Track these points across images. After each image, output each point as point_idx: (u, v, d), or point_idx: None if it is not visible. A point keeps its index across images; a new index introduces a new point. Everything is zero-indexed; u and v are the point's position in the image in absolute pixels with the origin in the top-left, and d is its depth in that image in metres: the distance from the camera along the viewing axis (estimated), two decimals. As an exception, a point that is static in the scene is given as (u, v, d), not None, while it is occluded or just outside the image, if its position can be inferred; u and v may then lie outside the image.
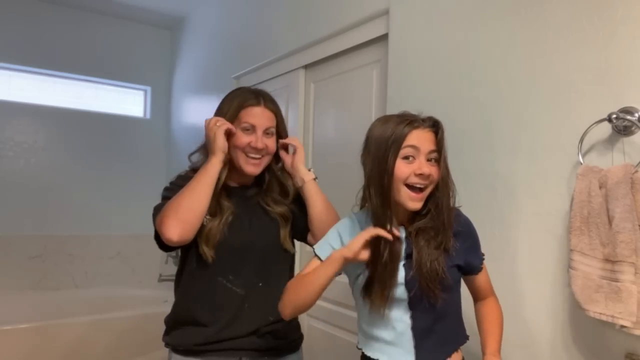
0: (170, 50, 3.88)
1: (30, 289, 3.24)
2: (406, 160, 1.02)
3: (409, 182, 1.02)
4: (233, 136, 1.28)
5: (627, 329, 1.00)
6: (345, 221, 1.17)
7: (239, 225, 1.30)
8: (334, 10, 2.05)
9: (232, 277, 1.28)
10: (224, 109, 1.31)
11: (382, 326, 1.08)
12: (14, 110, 3.22)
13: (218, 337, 1.27)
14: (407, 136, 1.01)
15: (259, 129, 1.28)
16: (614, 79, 1.11)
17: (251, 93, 1.32)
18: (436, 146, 1.03)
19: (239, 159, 1.29)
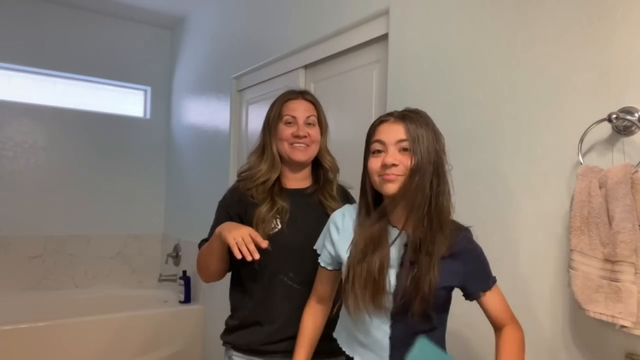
0: (170, 50, 3.88)
1: (30, 289, 3.24)
2: (375, 155, 1.05)
3: (379, 173, 1.03)
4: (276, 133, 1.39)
5: (627, 329, 1.00)
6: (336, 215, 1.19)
7: (297, 223, 1.35)
8: (334, 10, 2.05)
9: (292, 275, 1.34)
10: (269, 114, 1.43)
11: (361, 327, 1.09)
12: (14, 110, 3.22)
13: (281, 334, 1.32)
14: (375, 131, 1.06)
15: (300, 119, 1.38)
16: (614, 79, 1.11)
17: (291, 91, 1.45)
18: (405, 135, 1.01)
19: (285, 149, 1.38)
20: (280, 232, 1.34)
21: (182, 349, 3.00)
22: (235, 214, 1.37)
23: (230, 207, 1.39)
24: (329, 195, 1.44)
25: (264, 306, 1.34)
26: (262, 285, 1.35)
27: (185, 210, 3.42)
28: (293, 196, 1.39)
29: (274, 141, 1.40)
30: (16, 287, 3.19)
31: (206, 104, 3.25)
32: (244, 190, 1.37)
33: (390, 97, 1.73)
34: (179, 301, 3.17)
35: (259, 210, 1.33)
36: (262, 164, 1.40)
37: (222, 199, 1.44)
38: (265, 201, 1.34)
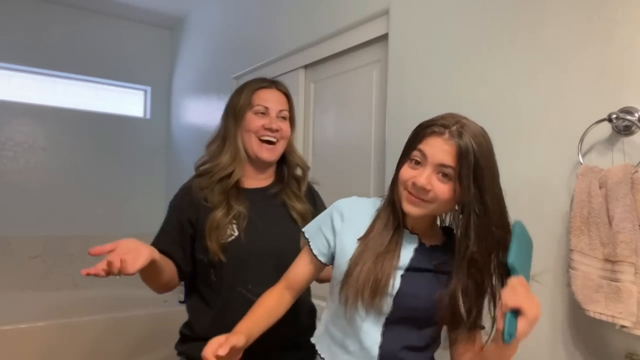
0: (170, 50, 3.87)
1: (30, 289, 3.24)
2: (411, 164, 0.92)
3: (406, 187, 0.92)
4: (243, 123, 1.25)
5: (627, 329, 1.00)
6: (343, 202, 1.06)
7: (256, 229, 1.22)
8: (334, 10, 2.04)
9: (251, 287, 1.20)
10: (234, 99, 1.29)
11: (348, 332, 0.98)
12: (14, 110, 3.22)
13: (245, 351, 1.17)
14: (422, 140, 0.90)
15: (273, 111, 1.26)
16: (614, 79, 1.11)
17: (262, 79, 1.32)
18: (452, 161, 0.87)
19: (252, 145, 1.24)
20: (237, 241, 1.20)
21: (182, 349, 3.00)
22: (187, 220, 1.22)
23: (181, 212, 1.23)
24: (294, 195, 1.31)
25: (222, 320, 1.18)
26: (220, 297, 1.21)
27: (185, 210, 3.42)
28: (253, 197, 1.25)
29: (240, 132, 1.26)
30: (16, 287, 3.18)
31: (206, 104, 3.25)
32: (198, 191, 1.22)
33: (390, 97, 1.73)
34: (179, 301, 3.16)
35: (213, 216, 1.18)
36: (222, 156, 1.25)
37: (173, 198, 1.28)
38: (220, 205, 1.19)
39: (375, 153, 1.88)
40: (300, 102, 2.32)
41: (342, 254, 1.00)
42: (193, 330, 1.26)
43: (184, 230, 1.22)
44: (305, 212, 1.31)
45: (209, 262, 1.20)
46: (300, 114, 2.32)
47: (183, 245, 1.23)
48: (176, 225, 1.23)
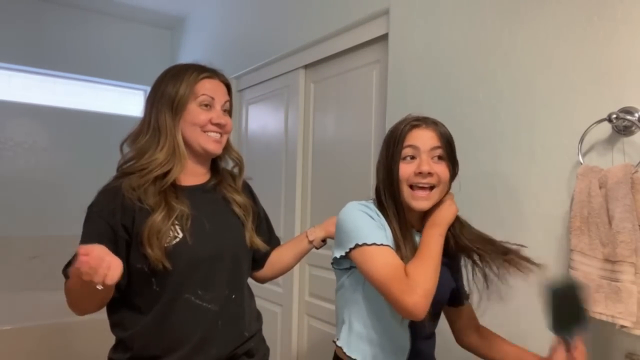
0: (170, 50, 3.87)
1: (30, 289, 3.24)
2: (406, 161, 1.00)
3: (411, 182, 1.00)
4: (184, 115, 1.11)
5: (627, 329, 1.00)
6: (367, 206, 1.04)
7: (203, 229, 1.10)
8: (334, 10, 2.04)
9: (201, 293, 1.09)
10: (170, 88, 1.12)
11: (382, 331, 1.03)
12: (14, 110, 3.22)
13: None
14: (406, 136, 1.01)
15: (218, 104, 1.15)
16: (614, 79, 1.11)
17: (201, 66, 1.18)
18: (440, 143, 1.01)
19: (198, 138, 1.12)
20: (183, 242, 1.06)
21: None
22: (120, 226, 1.06)
23: (111, 216, 1.06)
24: (232, 189, 1.21)
25: (164, 335, 1.07)
26: (161, 308, 1.06)
27: (185, 210, 3.42)
28: (192, 195, 1.12)
29: (180, 124, 1.11)
30: (16, 287, 3.18)
31: (206, 104, 3.25)
32: (129, 191, 1.06)
33: (390, 97, 1.73)
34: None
35: (153, 220, 1.03)
36: (157, 152, 1.09)
37: (95, 203, 1.10)
38: (159, 207, 1.05)
39: (375, 153, 1.88)
40: (300, 102, 2.32)
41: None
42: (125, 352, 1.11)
43: (118, 238, 1.06)
44: (246, 203, 1.22)
45: (151, 270, 1.04)
46: (301, 114, 2.32)
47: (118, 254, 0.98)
48: (106, 233, 1.05)
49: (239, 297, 1.16)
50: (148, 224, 1.03)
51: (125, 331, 1.10)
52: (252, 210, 1.24)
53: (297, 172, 2.31)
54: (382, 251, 0.95)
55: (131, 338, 1.09)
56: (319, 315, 2.13)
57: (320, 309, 2.12)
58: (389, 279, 0.91)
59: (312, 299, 2.21)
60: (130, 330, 1.09)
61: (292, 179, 2.32)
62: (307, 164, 2.29)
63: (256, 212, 1.27)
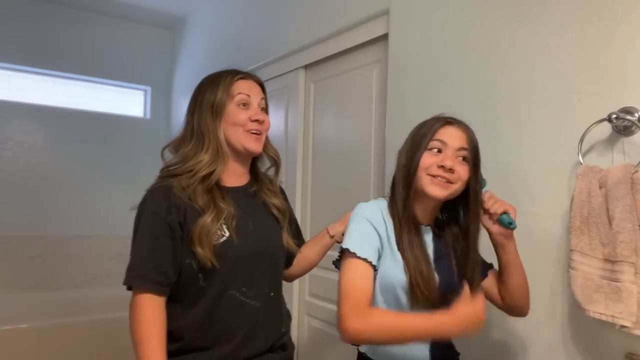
0: (170, 50, 3.88)
1: (30, 289, 3.24)
2: (432, 152, 1.03)
3: (430, 172, 1.02)
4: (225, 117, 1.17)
5: (627, 329, 1.00)
6: (371, 209, 1.07)
7: (247, 229, 1.16)
8: (334, 10, 2.04)
9: (245, 289, 1.14)
10: (208, 94, 1.18)
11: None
12: (14, 110, 3.22)
13: (233, 358, 1.13)
14: (438, 131, 1.04)
15: (254, 101, 1.20)
16: (614, 79, 1.11)
17: (234, 70, 1.25)
18: (468, 145, 1.04)
19: (240, 138, 1.17)
20: (229, 241, 1.12)
21: (182, 349, 3.00)
22: (176, 221, 1.10)
23: (167, 214, 1.10)
24: (271, 193, 1.28)
25: (211, 328, 1.12)
26: (208, 303, 1.12)
27: (185, 210, 3.42)
28: (235, 196, 1.18)
29: (221, 126, 1.17)
30: (16, 287, 3.18)
31: (206, 104, 3.24)
32: (179, 190, 1.11)
33: (390, 97, 1.73)
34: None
35: (204, 221, 1.09)
36: (202, 154, 1.15)
37: (150, 201, 1.13)
38: (208, 208, 1.11)
39: (375, 153, 1.88)
40: (300, 102, 2.32)
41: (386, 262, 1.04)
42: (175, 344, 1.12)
43: (175, 234, 1.11)
44: (283, 206, 1.29)
45: (199, 267, 1.10)
46: (301, 114, 2.32)
47: (175, 252, 1.11)
48: (163, 230, 1.10)
49: (277, 295, 1.23)
50: (199, 224, 1.09)
51: (170, 323, 1.12)
52: (288, 212, 1.32)
53: (297, 172, 2.31)
54: (356, 266, 0.99)
55: (180, 330, 1.12)
56: (319, 315, 2.13)
57: (320, 309, 2.12)
58: (345, 296, 0.96)
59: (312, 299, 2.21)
60: (177, 323, 1.12)
61: (292, 179, 2.32)
62: (307, 164, 2.29)
63: (290, 213, 1.34)
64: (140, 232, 1.12)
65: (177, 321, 1.12)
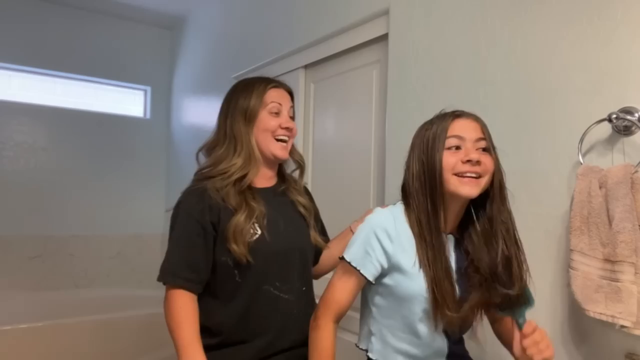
0: (170, 50, 3.87)
1: (30, 289, 3.24)
2: (450, 151, 0.98)
3: (457, 171, 0.97)
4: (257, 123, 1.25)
5: (627, 329, 1.00)
6: (383, 220, 1.03)
7: (278, 227, 1.23)
8: (334, 10, 2.04)
9: (279, 284, 1.21)
10: (241, 100, 1.25)
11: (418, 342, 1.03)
12: (14, 110, 3.22)
13: (273, 349, 1.20)
14: (450, 126, 0.99)
15: (285, 110, 1.29)
16: (614, 79, 1.11)
17: (267, 78, 1.33)
18: (484, 134, 1.00)
19: (269, 145, 1.25)
20: (262, 239, 1.19)
21: (182, 349, 3.00)
22: (209, 223, 1.18)
23: (202, 215, 1.18)
24: (297, 192, 1.35)
25: (249, 321, 1.19)
26: (245, 298, 1.19)
27: (185, 210, 3.41)
28: (265, 196, 1.26)
29: (253, 132, 1.24)
30: (16, 287, 3.18)
31: (206, 103, 3.25)
32: (213, 192, 1.19)
33: (390, 97, 1.73)
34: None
35: (237, 220, 1.16)
36: (235, 158, 1.22)
37: (185, 203, 1.21)
38: (240, 208, 1.18)
39: (375, 153, 1.88)
40: (300, 102, 2.32)
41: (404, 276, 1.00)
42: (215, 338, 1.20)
43: (207, 234, 1.18)
44: (308, 205, 1.36)
45: (234, 263, 1.17)
46: (300, 114, 2.32)
47: (207, 251, 1.19)
48: (196, 230, 1.18)
49: (308, 289, 1.30)
50: (232, 223, 1.16)
51: (209, 319, 1.21)
52: (314, 212, 1.38)
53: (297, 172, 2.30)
54: (345, 276, 1.04)
55: (219, 325, 1.20)
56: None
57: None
58: (323, 298, 1.06)
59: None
60: (216, 318, 1.20)
61: (292, 179, 2.32)
62: (307, 164, 2.28)
63: (316, 211, 1.40)
64: (175, 232, 1.21)
65: (216, 317, 1.20)
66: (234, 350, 1.20)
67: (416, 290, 0.99)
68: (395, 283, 1.01)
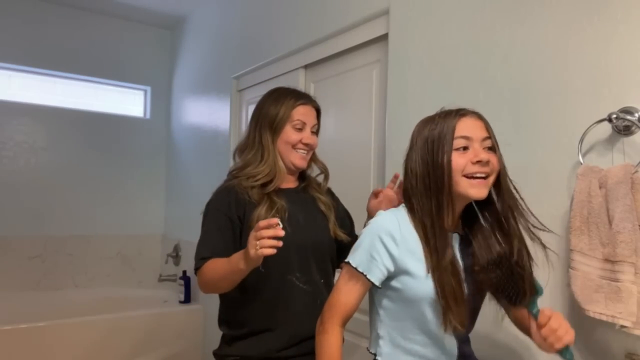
0: (170, 50, 3.87)
1: (30, 289, 3.24)
2: (459, 152, 0.97)
3: (467, 172, 0.96)
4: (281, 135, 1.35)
5: (627, 329, 1.00)
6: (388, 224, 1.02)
7: (298, 221, 1.32)
8: (334, 10, 2.04)
9: (299, 275, 1.30)
10: (272, 111, 1.35)
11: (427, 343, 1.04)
12: (14, 110, 3.22)
13: (298, 337, 1.27)
14: (457, 126, 0.98)
15: (308, 127, 1.38)
16: (614, 79, 1.11)
17: (297, 93, 1.41)
18: (488, 132, 1.00)
19: (289, 155, 1.36)
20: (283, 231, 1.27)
21: (182, 349, 3.00)
22: (236, 216, 1.30)
23: (229, 210, 1.29)
24: (318, 192, 1.44)
25: (274, 310, 1.28)
26: (269, 288, 1.28)
27: (185, 211, 3.42)
28: (288, 195, 1.36)
29: (277, 142, 1.35)
30: (16, 287, 3.19)
31: (206, 104, 3.25)
32: (241, 188, 1.30)
33: (390, 97, 1.73)
34: (179, 301, 3.17)
35: (259, 212, 1.26)
36: (261, 165, 1.33)
37: (215, 201, 1.33)
38: (262, 201, 1.29)
39: (375, 153, 1.88)
40: (300, 102, 2.32)
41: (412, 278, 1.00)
42: (241, 328, 1.30)
43: (234, 227, 1.29)
44: (329, 203, 1.43)
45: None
46: (300, 114, 2.32)
47: (235, 243, 1.28)
48: (225, 223, 1.28)
49: (326, 282, 1.35)
50: (255, 214, 1.26)
51: (235, 310, 1.32)
52: (334, 207, 1.44)
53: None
54: (351, 280, 1.04)
55: (246, 314, 1.30)
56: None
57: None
58: (329, 303, 1.07)
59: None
60: (243, 309, 1.30)
61: (292, 179, 2.33)
62: (307, 164, 2.29)
63: (337, 209, 1.47)
64: (206, 226, 1.32)
65: (243, 307, 1.30)
66: (260, 339, 1.28)
67: (426, 292, 0.98)
68: (404, 286, 1.01)
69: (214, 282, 1.24)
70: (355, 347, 1.81)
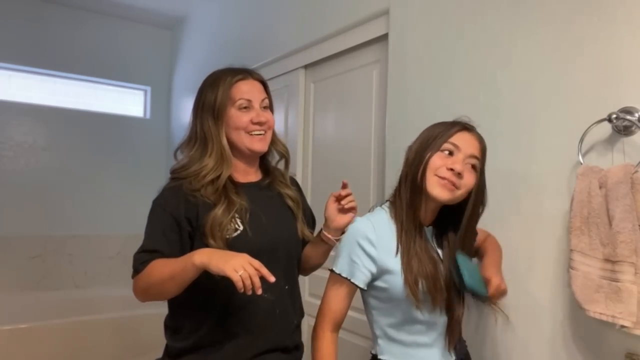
0: (170, 50, 3.87)
1: (30, 289, 3.24)
2: (443, 154, 1.03)
3: (438, 173, 1.02)
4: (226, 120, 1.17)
5: (627, 329, 1.00)
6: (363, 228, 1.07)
7: (261, 222, 1.17)
8: (334, 10, 2.04)
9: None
10: (209, 96, 1.18)
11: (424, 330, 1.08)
12: (14, 110, 3.22)
13: (250, 352, 1.14)
14: (454, 135, 1.04)
15: (256, 103, 1.19)
16: (614, 79, 1.11)
17: (234, 69, 1.22)
18: (479, 154, 1.04)
19: (242, 140, 1.18)
20: (244, 235, 1.13)
21: (182, 349, 3.00)
22: (183, 216, 1.12)
23: (176, 209, 1.12)
24: (284, 185, 1.28)
25: (226, 322, 1.13)
26: (223, 298, 1.12)
27: (185, 210, 3.42)
28: (249, 191, 1.19)
29: (223, 130, 1.17)
30: (16, 287, 3.18)
31: (206, 104, 3.24)
32: (190, 191, 1.13)
33: (390, 97, 1.73)
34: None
35: (215, 213, 1.10)
36: (206, 158, 1.16)
37: (160, 197, 1.17)
38: (220, 201, 1.12)
39: (375, 153, 1.88)
40: (300, 102, 2.32)
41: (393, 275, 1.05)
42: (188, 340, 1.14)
43: (182, 229, 1.13)
44: (297, 198, 1.30)
45: None
46: (301, 114, 2.32)
47: (182, 246, 1.12)
48: (170, 224, 1.12)
49: (291, 288, 1.23)
50: (210, 216, 1.10)
51: (183, 319, 1.16)
52: (303, 204, 1.32)
53: (296, 172, 2.30)
54: (336, 286, 1.09)
55: (195, 325, 1.14)
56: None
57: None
58: (320, 314, 1.11)
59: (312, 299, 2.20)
60: (193, 319, 1.14)
61: (292, 179, 2.33)
62: (307, 164, 2.29)
63: (304, 203, 1.35)
64: (149, 225, 1.16)
65: (193, 317, 1.14)
66: (210, 352, 1.13)
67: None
68: (388, 284, 1.05)
69: (158, 284, 1.06)
70: (356, 347, 1.81)
